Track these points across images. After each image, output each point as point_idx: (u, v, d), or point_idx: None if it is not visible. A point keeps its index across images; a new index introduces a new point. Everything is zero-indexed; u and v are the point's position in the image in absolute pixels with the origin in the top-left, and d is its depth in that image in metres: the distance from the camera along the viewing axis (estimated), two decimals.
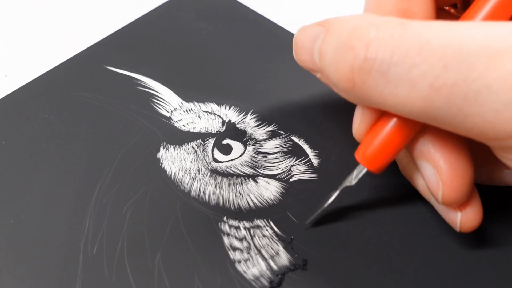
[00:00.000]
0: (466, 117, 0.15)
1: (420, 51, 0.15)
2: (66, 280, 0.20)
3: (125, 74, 0.29)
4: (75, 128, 0.26)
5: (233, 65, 0.30)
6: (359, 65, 0.16)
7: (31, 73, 0.29)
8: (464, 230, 0.20)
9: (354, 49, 0.16)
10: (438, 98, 0.15)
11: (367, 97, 0.17)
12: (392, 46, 0.15)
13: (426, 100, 0.15)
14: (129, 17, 0.33)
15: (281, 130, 0.26)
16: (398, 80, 0.15)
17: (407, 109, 0.16)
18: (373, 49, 0.16)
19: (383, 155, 0.18)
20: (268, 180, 0.24)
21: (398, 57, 0.15)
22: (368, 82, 0.16)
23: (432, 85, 0.15)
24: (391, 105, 0.16)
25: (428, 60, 0.15)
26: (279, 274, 0.20)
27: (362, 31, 0.16)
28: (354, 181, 0.20)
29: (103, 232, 0.22)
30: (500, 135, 0.15)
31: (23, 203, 0.23)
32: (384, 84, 0.16)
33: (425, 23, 0.16)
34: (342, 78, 0.17)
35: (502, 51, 0.14)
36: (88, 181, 0.23)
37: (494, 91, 0.14)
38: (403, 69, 0.15)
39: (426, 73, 0.15)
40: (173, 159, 0.25)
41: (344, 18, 0.18)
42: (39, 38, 0.32)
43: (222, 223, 0.22)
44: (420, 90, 0.15)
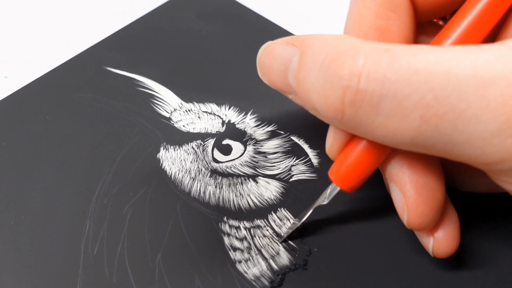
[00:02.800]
0: (455, 145, 0.15)
1: (409, 82, 0.15)
2: (67, 281, 0.20)
3: (125, 75, 0.29)
4: (75, 129, 0.26)
5: (232, 65, 0.30)
6: (351, 97, 0.16)
7: (31, 74, 0.29)
8: (438, 256, 0.19)
9: (345, 80, 0.15)
10: (429, 128, 0.15)
11: (355, 128, 0.16)
12: (382, 77, 0.15)
13: (416, 131, 0.15)
14: (129, 17, 0.33)
15: (281, 130, 0.26)
16: (389, 112, 0.15)
17: (396, 139, 0.16)
18: (364, 81, 0.15)
19: (355, 175, 0.18)
20: (268, 180, 0.24)
21: (389, 88, 0.15)
22: (359, 114, 0.16)
23: (423, 116, 0.15)
24: (380, 136, 0.16)
25: (419, 91, 0.15)
26: (279, 274, 0.20)
27: (350, 61, 0.15)
28: (327, 200, 0.20)
29: (104, 232, 0.22)
30: (489, 161, 0.15)
31: (23, 204, 0.23)
32: (374, 116, 0.15)
33: (410, 49, 0.15)
34: (330, 109, 0.16)
35: (489, 81, 0.14)
36: (88, 182, 0.23)
37: (482, 121, 0.14)
38: (394, 100, 0.15)
39: (416, 104, 0.15)
40: (173, 159, 0.25)
41: (321, 39, 0.17)
42: (39, 39, 0.32)
43: (222, 223, 0.22)
44: (410, 121, 0.15)
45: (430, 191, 0.18)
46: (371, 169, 0.18)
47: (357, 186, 0.19)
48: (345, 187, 0.19)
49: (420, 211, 0.18)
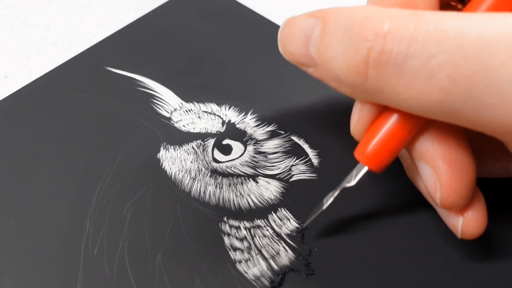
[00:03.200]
0: (485, 109, 0.14)
1: (437, 41, 0.14)
2: (67, 281, 0.20)
3: (125, 75, 0.29)
4: (76, 129, 0.26)
5: (232, 65, 0.30)
6: (375, 57, 0.15)
7: (31, 74, 0.29)
8: (466, 237, 0.19)
9: (369, 41, 0.15)
10: (457, 89, 0.14)
11: (378, 92, 0.16)
12: (409, 37, 0.15)
13: (444, 92, 0.15)
14: (129, 17, 0.33)
15: (281, 130, 0.26)
16: (415, 72, 0.15)
17: (422, 103, 0.15)
18: (389, 41, 0.15)
19: (384, 153, 0.17)
20: (268, 180, 0.24)
21: (415, 48, 0.15)
22: (382, 75, 0.15)
23: (451, 75, 0.14)
24: (404, 100, 0.15)
25: (447, 50, 0.14)
26: (280, 274, 0.20)
27: (376, 23, 0.15)
28: (354, 181, 0.19)
29: (104, 232, 0.22)
30: None
31: (23, 204, 0.23)
32: (399, 77, 0.15)
33: (439, 13, 0.15)
34: (353, 72, 0.16)
35: None
36: (88, 182, 0.23)
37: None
38: (420, 60, 0.15)
39: (445, 63, 0.14)
40: (173, 159, 0.25)
41: (345, 9, 0.17)
42: (39, 39, 0.32)
43: (222, 223, 0.22)
44: (438, 82, 0.14)
45: (463, 166, 0.17)
46: (400, 146, 0.17)
47: (386, 165, 0.18)
48: (373, 167, 0.18)
49: (455, 187, 0.17)
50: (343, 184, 0.20)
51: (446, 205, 0.18)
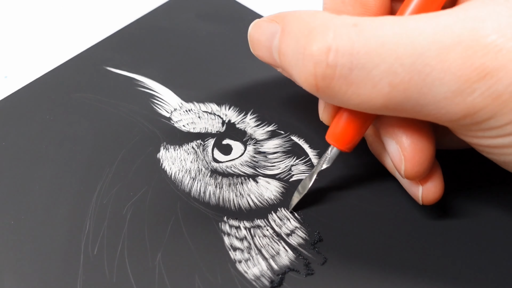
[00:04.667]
0: (422, 107, 0.17)
1: (378, 53, 0.16)
2: (67, 281, 0.20)
3: (125, 74, 0.29)
4: (76, 129, 0.26)
5: (232, 65, 0.30)
6: (321, 72, 0.17)
7: (31, 74, 0.29)
8: (426, 202, 0.21)
9: (314, 56, 0.17)
10: (397, 94, 0.16)
11: (332, 98, 0.18)
12: (351, 50, 0.16)
13: (386, 97, 0.17)
14: (129, 17, 0.33)
15: (281, 130, 0.26)
16: (360, 82, 0.17)
17: (370, 106, 0.17)
18: (333, 56, 0.16)
19: (351, 135, 0.20)
20: (268, 180, 0.24)
21: (358, 61, 0.16)
22: (331, 86, 0.17)
23: (391, 83, 0.16)
24: (355, 104, 0.17)
25: (386, 61, 0.16)
26: (279, 274, 0.20)
27: (320, 36, 0.17)
28: (329, 163, 0.21)
29: (104, 232, 0.22)
30: (453, 118, 0.17)
31: (23, 204, 0.23)
32: (347, 86, 0.17)
33: (377, 21, 0.17)
34: (305, 83, 0.18)
35: (448, 45, 0.16)
36: (88, 182, 0.23)
37: (444, 82, 0.16)
38: (363, 71, 0.16)
39: (385, 72, 0.16)
40: (173, 159, 0.25)
41: (299, 16, 0.18)
42: (39, 39, 0.32)
43: (222, 223, 0.22)
44: (380, 89, 0.16)
45: (425, 141, 0.19)
46: (365, 127, 0.20)
47: (354, 145, 0.20)
48: (343, 148, 0.20)
49: (417, 160, 0.19)
50: (319, 167, 0.22)
51: (410, 176, 0.20)
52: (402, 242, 0.22)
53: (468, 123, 0.17)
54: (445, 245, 0.21)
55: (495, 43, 0.15)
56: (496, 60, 0.15)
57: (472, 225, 0.22)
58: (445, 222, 0.22)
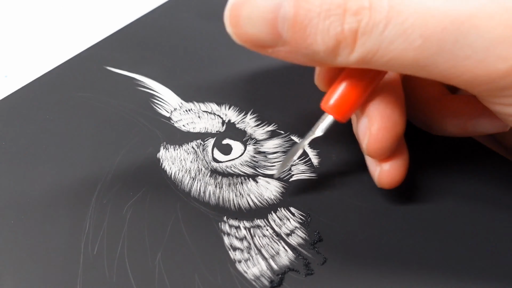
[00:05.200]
0: (457, 61, 0.15)
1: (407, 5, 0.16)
2: (66, 281, 0.20)
3: (125, 74, 0.29)
4: (76, 128, 0.26)
5: (233, 65, 0.30)
6: (363, 28, 0.16)
7: (31, 73, 0.29)
8: (381, 185, 0.21)
9: (358, 15, 0.16)
10: (430, 45, 0.16)
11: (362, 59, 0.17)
12: (386, 6, 0.16)
13: (418, 50, 0.16)
14: (129, 17, 0.33)
15: (281, 130, 0.26)
16: (393, 36, 0.16)
17: (400, 62, 0.16)
18: (374, 12, 0.16)
19: (348, 103, 0.19)
20: (268, 179, 0.24)
21: (392, 15, 0.16)
22: (367, 43, 0.16)
23: (423, 34, 0.15)
24: (385, 61, 0.17)
25: (417, 11, 0.15)
26: (279, 274, 0.20)
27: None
28: (322, 131, 0.21)
29: (104, 232, 0.22)
30: (492, 75, 0.15)
31: (23, 203, 0.23)
32: (380, 42, 0.16)
33: None
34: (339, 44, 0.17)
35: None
36: (88, 182, 0.23)
37: (483, 30, 0.15)
38: (396, 25, 0.16)
39: (416, 23, 0.15)
40: (173, 159, 0.25)
41: None
42: (39, 38, 0.32)
43: (222, 223, 0.22)
44: (412, 42, 0.16)
45: (392, 122, 0.19)
46: (361, 98, 0.19)
47: (350, 115, 0.20)
48: (338, 117, 0.20)
49: (380, 137, 0.19)
50: (311, 135, 0.21)
51: (370, 151, 0.20)
52: (402, 242, 0.22)
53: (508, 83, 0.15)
54: (445, 245, 0.21)
55: None
56: None
57: (474, 229, 0.22)
58: (445, 222, 0.22)
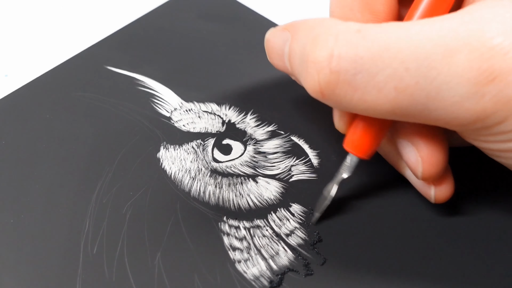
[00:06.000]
0: (430, 111, 0.16)
1: (381, 57, 0.16)
2: (66, 280, 0.20)
3: (125, 74, 0.29)
4: (75, 128, 0.26)
5: (233, 65, 0.30)
6: (325, 79, 0.17)
7: (31, 73, 0.29)
8: (438, 201, 0.21)
9: (317, 63, 0.17)
10: (404, 98, 0.16)
11: (338, 104, 0.18)
12: (354, 55, 0.16)
13: (393, 102, 0.16)
14: (129, 17, 0.33)
15: (281, 130, 0.26)
16: (365, 87, 0.16)
17: (377, 111, 0.17)
18: (336, 61, 0.16)
19: (371, 141, 0.20)
20: (268, 180, 0.24)
21: (362, 66, 0.16)
22: (336, 92, 0.17)
23: (397, 87, 0.16)
24: (362, 110, 0.17)
25: (391, 65, 0.16)
26: (279, 274, 0.20)
27: (322, 42, 0.17)
28: (350, 172, 0.21)
29: (103, 232, 0.22)
30: (463, 122, 0.16)
31: (23, 203, 0.23)
32: (352, 92, 0.17)
33: (381, 27, 0.17)
34: (311, 90, 0.18)
35: (454, 48, 0.15)
36: (88, 181, 0.23)
37: (452, 87, 0.16)
38: (367, 76, 0.16)
39: (390, 77, 0.16)
40: (173, 159, 0.25)
41: (306, 23, 0.18)
42: (39, 38, 0.32)
43: (222, 223, 0.22)
44: (386, 94, 0.16)
45: (439, 143, 0.19)
46: (383, 133, 0.20)
47: (373, 152, 0.20)
48: (362, 155, 0.20)
49: (433, 161, 0.19)
50: (340, 177, 0.21)
51: (426, 177, 0.20)
52: (401, 242, 0.22)
53: (478, 127, 0.17)
54: (445, 246, 0.21)
55: (501, 46, 0.15)
56: (504, 62, 0.15)
57: (474, 226, 0.22)
58: (445, 222, 0.22)
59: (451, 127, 0.17)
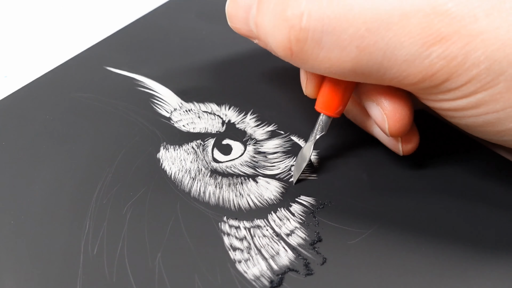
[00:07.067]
0: (386, 70, 0.18)
1: (346, 17, 0.18)
2: (66, 281, 0.20)
3: (125, 74, 0.29)
4: (75, 128, 0.26)
5: (233, 65, 0.30)
6: (295, 35, 0.18)
7: (31, 74, 0.29)
8: (406, 152, 0.23)
9: (289, 21, 0.18)
10: (364, 57, 0.18)
11: (305, 62, 0.19)
12: (322, 15, 0.18)
13: (355, 60, 0.18)
14: (129, 17, 0.33)
15: (281, 130, 0.26)
16: (330, 45, 0.18)
17: (340, 70, 0.19)
18: (306, 20, 0.18)
19: (338, 101, 0.22)
20: (268, 180, 0.24)
21: (328, 25, 0.18)
22: (304, 49, 0.19)
23: (359, 46, 0.18)
24: (325, 68, 0.19)
25: (354, 25, 0.18)
26: (279, 274, 0.20)
27: (294, 2, 0.18)
28: (323, 131, 0.23)
29: (104, 232, 0.22)
30: (413, 80, 0.18)
31: (23, 203, 0.23)
32: (318, 50, 0.18)
33: None
34: (280, 48, 0.19)
35: (410, 12, 0.17)
36: (88, 182, 0.23)
37: (405, 46, 0.17)
38: (333, 35, 0.18)
39: (352, 36, 0.18)
40: (173, 159, 0.25)
41: None
42: (39, 39, 0.32)
43: (222, 223, 0.22)
44: (349, 52, 0.18)
45: (401, 100, 0.21)
46: (349, 92, 0.22)
47: (342, 110, 0.22)
48: (332, 113, 0.22)
49: (398, 117, 0.21)
50: (315, 136, 0.23)
51: (393, 133, 0.21)
52: (401, 242, 0.22)
53: (427, 86, 0.18)
54: (445, 245, 0.21)
55: (450, 11, 0.17)
56: (451, 26, 0.17)
57: (474, 229, 0.22)
58: (445, 222, 0.22)
59: (404, 87, 0.19)
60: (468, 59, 0.17)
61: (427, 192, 0.23)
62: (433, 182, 0.24)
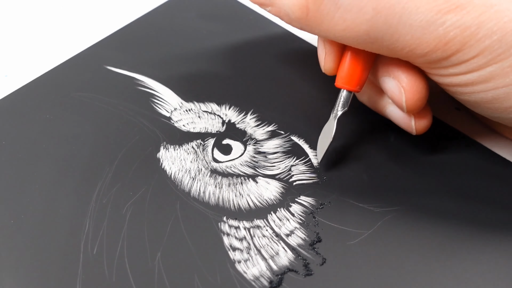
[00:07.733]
0: (399, 36, 0.18)
1: None
2: (66, 280, 0.20)
3: (125, 74, 0.29)
4: (75, 128, 0.26)
5: (233, 65, 0.30)
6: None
7: (31, 73, 0.29)
8: (419, 131, 0.23)
9: None
10: (379, 20, 0.18)
11: (319, 24, 0.20)
12: None
13: (370, 23, 0.18)
14: (129, 17, 0.33)
15: (281, 130, 0.26)
16: (347, 5, 0.19)
17: (354, 33, 0.19)
18: None
19: (358, 75, 0.22)
20: (268, 180, 0.24)
21: None
22: (321, 8, 0.19)
23: (375, 7, 0.18)
24: (340, 31, 0.19)
25: None
26: (278, 274, 0.20)
27: None
28: (345, 106, 0.23)
29: (103, 232, 0.22)
30: (425, 50, 0.18)
31: (23, 203, 0.23)
32: (335, 9, 0.19)
33: None
34: (296, 6, 0.20)
35: None
36: (88, 181, 0.23)
37: (420, 11, 0.18)
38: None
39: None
40: (173, 159, 0.25)
41: None
42: (39, 38, 0.32)
43: (222, 223, 0.22)
44: (365, 13, 0.18)
45: (418, 73, 0.21)
46: (369, 65, 0.22)
47: (362, 84, 0.22)
48: (354, 87, 0.22)
49: (415, 89, 0.21)
50: (337, 113, 0.23)
51: (410, 107, 0.21)
52: (401, 242, 0.22)
53: (439, 57, 0.19)
54: (445, 245, 0.21)
55: None
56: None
57: (474, 229, 0.22)
58: (445, 222, 0.22)
59: (415, 59, 0.19)
60: (481, 30, 0.17)
61: (427, 192, 0.23)
62: (433, 182, 0.24)
